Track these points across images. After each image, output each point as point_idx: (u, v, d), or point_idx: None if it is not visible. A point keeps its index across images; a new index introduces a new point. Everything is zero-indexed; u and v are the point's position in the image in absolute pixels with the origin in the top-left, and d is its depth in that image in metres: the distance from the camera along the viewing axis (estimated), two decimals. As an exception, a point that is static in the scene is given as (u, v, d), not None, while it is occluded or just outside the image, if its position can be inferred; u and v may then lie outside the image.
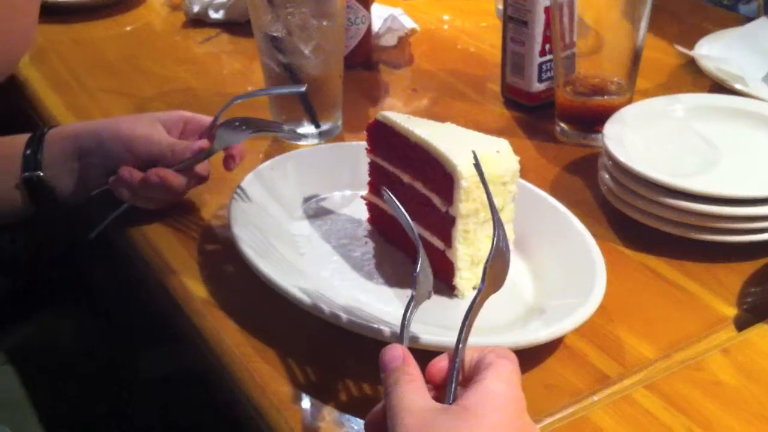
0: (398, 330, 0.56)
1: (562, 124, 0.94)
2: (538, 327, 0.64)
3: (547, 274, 0.71)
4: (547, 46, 0.96)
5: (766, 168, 0.80)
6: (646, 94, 0.97)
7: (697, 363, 0.65)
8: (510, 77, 1.00)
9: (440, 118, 0.77)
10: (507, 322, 0.66)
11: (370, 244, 0.76)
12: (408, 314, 0.55)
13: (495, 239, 0.54)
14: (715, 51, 1.04)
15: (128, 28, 1.25)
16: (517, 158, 0.69)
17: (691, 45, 1.07)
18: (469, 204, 0.66)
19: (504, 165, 0.68)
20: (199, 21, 1.23)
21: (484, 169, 0.65)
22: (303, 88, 0.82)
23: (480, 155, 0.67)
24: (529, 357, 0.64)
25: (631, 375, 0.64)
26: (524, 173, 0.79)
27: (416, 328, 0.58)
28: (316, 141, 0.92)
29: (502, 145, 0.69)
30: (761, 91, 0.95)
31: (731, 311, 0.70)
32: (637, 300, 0.72)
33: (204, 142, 0.77)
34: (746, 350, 0.67)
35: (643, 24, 0.90)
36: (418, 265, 0.57)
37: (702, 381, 0.64)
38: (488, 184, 0.66)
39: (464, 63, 1.14)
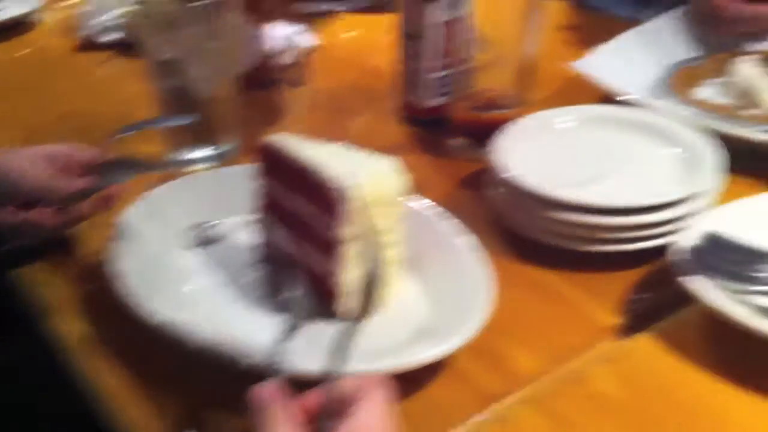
0: (275, 359, 0.55)
1: (459, 139, 0.95)
2: (424, 348, 0.64)
3: (438, 293, 0.72)
4: (444, 61, 0.97)
5: (652, 177, 0.82)
6: (542, 105, 0.98)
7: (581, 376, 0.66)
8: (408, 93, 1.01)
9: (339, 136, 0.77)
10: (395, 344, 0.66)
11: (264, 270, 0.75)
12: (282, 343, 0.55)
13: (370, 265, 0.54)
14: (604, 62, 1.05)
15: (19, 54, 1.22)
16: (406, 177, 0.70)
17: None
18: (355, 227, 0.66)
19: (393, 185, 0.69)
20: (94, 43, 1.21)
21: (372, 189, 0.65)
22: (189, 120, 0.82)
23: (368, 176, 0.67)
24: (416, 378, 0.64)
25: (516, 392, 0.65)
26: (420, 190, 0.80)
27: (297, 356, 0.58)
28: (210, 165, 0.91)
29: (391, 164, 0.70)
30: (649, 101, 0.97)
31: (616, 320, 0.72)
32: (525, 314, 0.73)
33: (86, 182, 0.75)
34: (630, 360, 0.68)
35: (537, 37, 0.91)
36: (293, 292, 0.57)
37: (586, 394, 0.65)
38: (376, 204, 0.66)
39: (365, 79, 1.14)
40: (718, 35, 1.09)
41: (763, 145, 0.90)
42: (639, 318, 0.72)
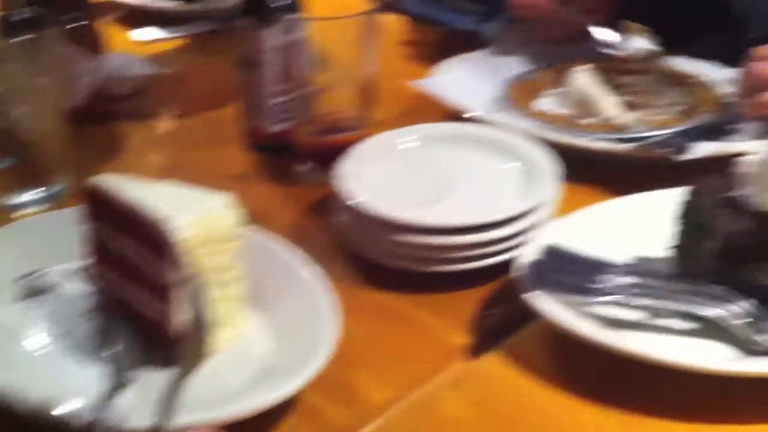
0: (102, 417, 0.52)
1: (303, 165, 0.93)
2: (269, 389, 0.62)
3: (283, 328, 0.69)
4: (285, 86, 0.95)
5: (494, 193, 0.82)
6: (389, 125, 0.97)
7: (431, 401, 0.65)
8: (251, 120, 0.98)
9: (180, 169, 0.74)
10: (239, 387, 0.64)
11: (97, 320, 0.71)
12: (109, 399, 0.52)
13: (203, 306, 0.52)
14: (447, 79, 1.06)
15: None
16: (240, 212, 0.67)
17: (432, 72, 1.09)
18: (187, 268, 0.63)
19: (226, 221, 0.66)
20: None
21: (202, 228, 0.62)
22: (11, 162, 0.77)
23: (198, 214, 0.64)
24: (265, 419, 0.62)
25: (369, 424, 0.64)
26: (265, 219, 0.77)
27: (128, 411, 0.55)
28: (40, 208, 0.86)
29: (224, 199, 0.67)
30: (491, 116, 0.98)
31: (466, 340, 0.71)
32: (375, 342, 0.72)
33: None
34: (478, 381, 0.68)
35: (375, 56, 0.91)
36: (119, 344, 0.54)
37: (437, 420, 0.64)
38: (209, 243, 0.63)
39: (210, 107, 1.11)
40: (551, 45, 1.12)
41: (602, 154, 0.92)
42: (488, 336, 0.72)
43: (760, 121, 0.92)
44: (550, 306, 0.67)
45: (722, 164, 0.72)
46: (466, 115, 0.98)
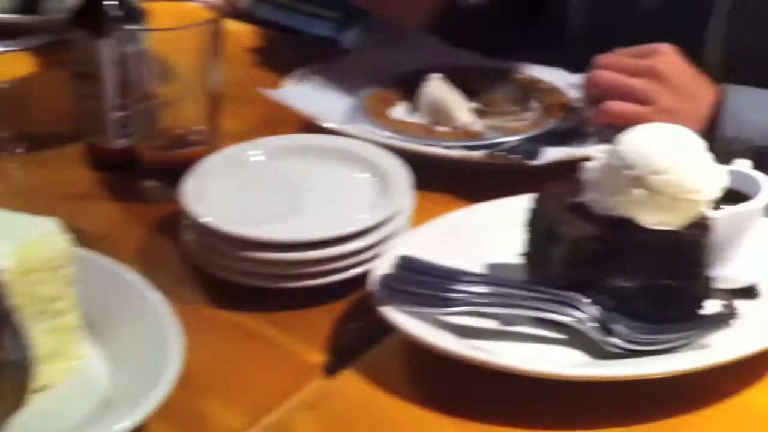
0: None
1: (149, 182, 0.88)
2: (108, 423, 0.58)
3: (125, 357, 0.65)
4: (125, 100, 0.90)
5: (346, 205, 0.80)
6: (241, 137, 0.93)
7: (285, 424, 0.63)
8: (90, 135, 0.93)
9: (18, 191, 0.68)
10: (76, 423, 0.59)
11: None
12: None
13: (12, 344, 0.47)
14: (302, 88, 1.04)
15: None
16: (71, 236, 0.63)
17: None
18: (7, 301, 0.58)
19: (53, 248, 0.61)
20: None
21: (25, 257, 0.58)
22: None
23: (22, 241, 0.60)
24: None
25: (218, 453, 0.60)
26: (109, 241, 0.73)
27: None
28: None
29: (51, 225, 0.62)
30: (345, 126, 0.96)
31: (322, 358, 0.69)
32: (227, 364, 0.69)
33: None
34: (335, 400, 0.65)
35: (220, 67, 0.87)
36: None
37: (290, 444, 0.61)
38: (34, 272, 0.59)
39: (47, 124, 1.04)
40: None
41: (456, 161, 0.92)
42: (345, 353, 0.69)
43: (605, 127, 0.94)
44: (404, 319, 0.65)
45: (575, 169, 0.72)
46: (320, 125, 0.96)
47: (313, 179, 0.83)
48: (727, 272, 0.71)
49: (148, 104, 0.87)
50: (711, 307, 0.68)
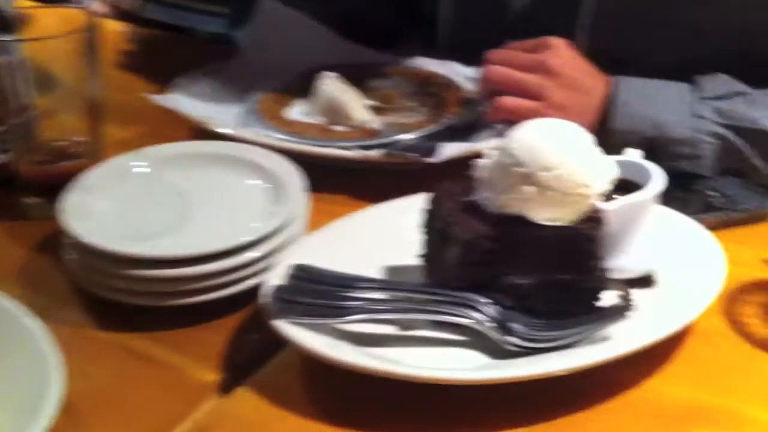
0: None
1: (29, 198, 0.84)
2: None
3: (1, 391, 0.61)
4: None
5: (239, 215, 0.77)
6: (126, 148, 0.88)
7: (177, 451, 0.60)
8: (-35, 152, 0.88)
9: None
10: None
11: None
12: None
13: None
14: (191, 92, 1.00)
15: None
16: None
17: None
18: None
19: None
20: None
21: None
22: None
23: None
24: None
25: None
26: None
27: None
28: None
29: None
30: (238, 130, 0.93)
31: (216, 377, 0.66)
32: (115, 390, 0.65)
33: None
34: (230, 420, 0.63)
35: (98, 75, 0.83)
36: None
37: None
38: None
39: None
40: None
41: (352, 162, 0.90)
42: (239, 370, 0.67)
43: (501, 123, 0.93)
44: (298, 332, 0.63)
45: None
46: (211, 130, 0.93)
47: (202, 189, 0.79)
48: (622, 262, 0.70)
49: (25, 116, 0.83)
50: (608, 299, 0.67)
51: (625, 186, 0.71)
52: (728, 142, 0.87)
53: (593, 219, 0.65)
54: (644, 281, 0.71)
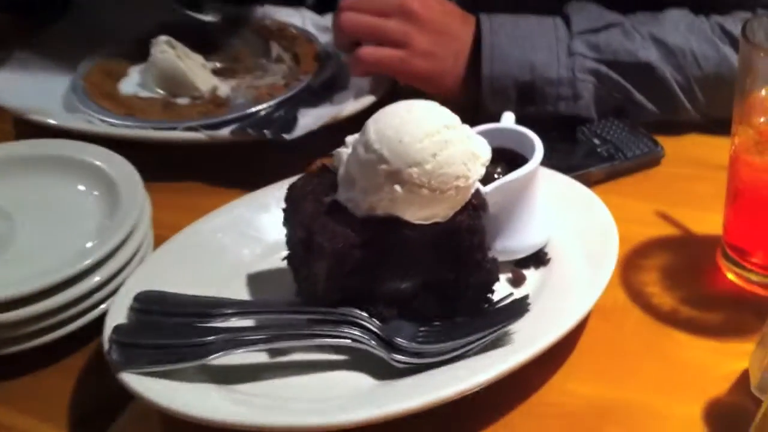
0: None
1: None
2: None
3: None
4: None
5: (69, 234, 0.65)
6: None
7: None
8: None
9: None
10: None
11: None
12: None
13: None
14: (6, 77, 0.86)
15: None
16: None
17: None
18: None
19: None
20: None
21: None
22: None
23: None
24: None
25: None
26: None
27: None
28: None
29: None
30: (64, 120, 0.80)
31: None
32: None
33: None
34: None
35: None
36: None
37: None
38: None
39: None
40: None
41: (202, 144, 0.79)
42: (84, 424, 0.57)
43: (364, 76, 0.84)
44: (149, 385, 0.53)
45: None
46: (33, 120, 0.80)
47: (22, 203, 0.67)
48: (511, 242, 0.64)
49: None
50: (500, 289, 0.61)
51: (503, 156, 0.64)
52: (607, 79, 0.80)
53: (473, 206, 0.57)
54: (537, 259, 0.65)
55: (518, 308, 0.57)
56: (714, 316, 0.63)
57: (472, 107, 0.80)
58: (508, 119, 0.67)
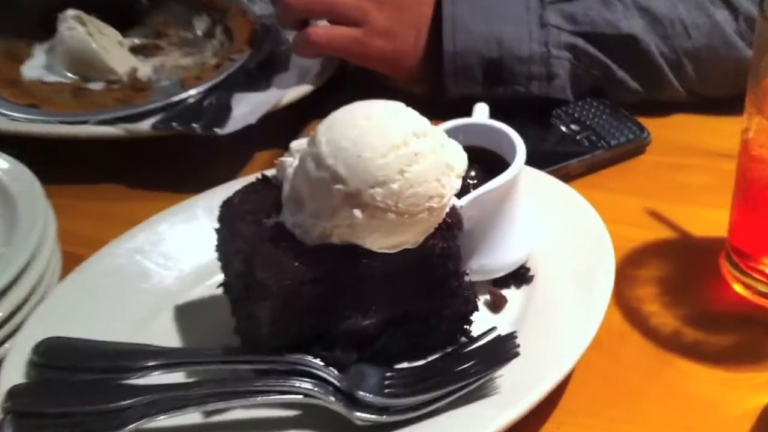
0: None
1: None
2: None
3: None
4: None
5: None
6: None
7: None
8: None
9: None
10: None
11: None
12: None
13: None
14: None
15: None
16: None
17: None
18: None
19: None
20: None
21: None
22: None
23: None
24: None
25: None
26: None
27: None
28: None
29: None
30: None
31: None
32: None
33: None
34: None
35: None
36: None
37: None
38: None
39: None
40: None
41: (119, 141, 0.67)
42: None
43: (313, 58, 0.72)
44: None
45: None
46: None
47: None
48: (489, 260, 0.54)
49: None
50: (479, 319, 0.51)
51: (477, 157, 0.54)
52: (584, 54, 0.71)
53: (447, 225, 0.48)
54: (520, 277, 0.55)
55: (504, 350, 0.47)
56: (722, 339, 0.55)
57: (433, 93, 0.71)
58: (480, 112, 0.57)
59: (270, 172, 0.51)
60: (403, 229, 0.45)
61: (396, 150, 0.43)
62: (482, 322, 0.51)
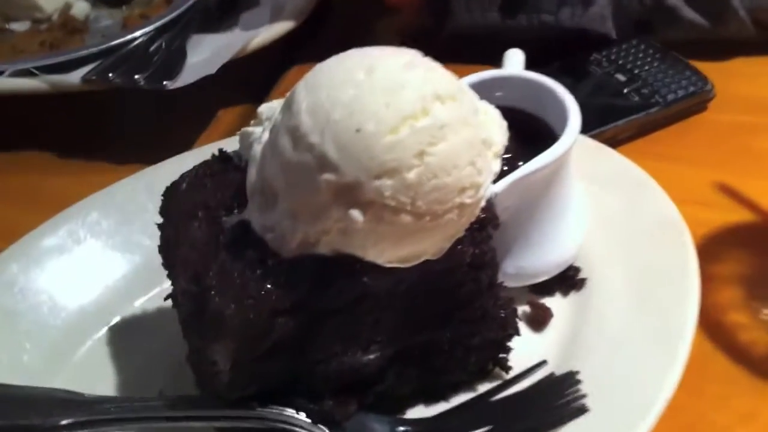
0: None
1: None
2: None
3: None
4: None
5: None
6: None
7: None
8: None
9: None
10: None
11: None
12: None
13: None
14: None
15: None
16: None
17: None
18: None
19: None
20: None
21: None
22: None
23: None
24: None
25: None
26: None
27: None
28: None
29: None
30: None
31: None
32: None
33: None
34: None
35: None
36: None
37: None
38: None
39: None
40: None
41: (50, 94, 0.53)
42: None
43: None
44: None
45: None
46: None
47: None
48: (529, 261, 0.40)
49: None
50: (514, 339, 0.38)
51: (512, 122, 0.40)
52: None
53: (479, 223, 0.34)
54: (565, 282, 0.42)
55: (561, 396, 0.34)
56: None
57: (436, 23, 0.56)
58: (514, 61, 0.43)
59: (233, 144, 0.37)
60: (422, 236, 0.31)
61: (412, 121, 0.29)
62: (519, 342, 0.38)
